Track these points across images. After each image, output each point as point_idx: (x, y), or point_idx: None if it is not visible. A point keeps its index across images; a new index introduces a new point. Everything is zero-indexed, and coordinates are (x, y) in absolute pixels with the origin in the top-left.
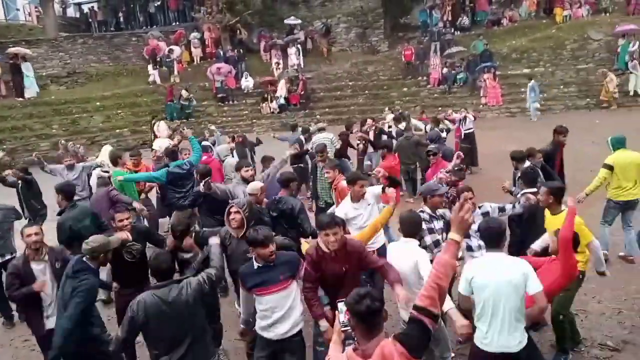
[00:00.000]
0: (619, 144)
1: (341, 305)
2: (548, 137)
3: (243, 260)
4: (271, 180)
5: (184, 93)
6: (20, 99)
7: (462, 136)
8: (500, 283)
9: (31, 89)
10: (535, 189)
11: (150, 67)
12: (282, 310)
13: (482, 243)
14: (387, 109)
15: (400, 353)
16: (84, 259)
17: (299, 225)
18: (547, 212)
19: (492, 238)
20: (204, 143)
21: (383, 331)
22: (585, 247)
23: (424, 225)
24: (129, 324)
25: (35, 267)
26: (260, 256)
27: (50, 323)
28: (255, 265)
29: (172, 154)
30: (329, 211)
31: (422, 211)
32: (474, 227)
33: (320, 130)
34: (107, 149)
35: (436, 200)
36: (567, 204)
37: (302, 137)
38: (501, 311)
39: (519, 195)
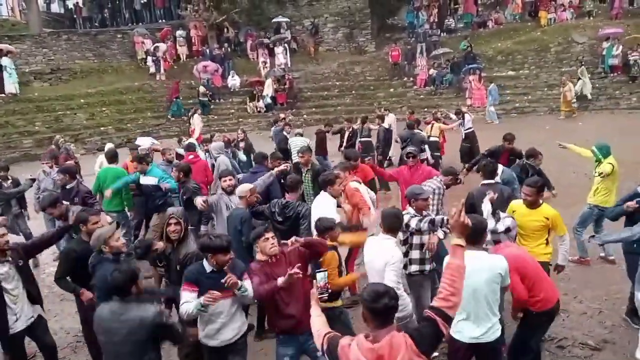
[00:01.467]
0: (607, 151)
1: (320, 275)
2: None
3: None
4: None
5: (202, 89)
6: (1, 94)
7: (463, 136)
8: (480, 281)
9: (11, 85)
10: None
11: (149, 59)
12: (227, 316)
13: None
14: (383, 109)
15: (408, 345)
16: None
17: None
18: (520, 205)
19: (472, 235)
20: (190, 141)
21: (394, 322)
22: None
23: (412, 225)
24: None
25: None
26: (218, 262)
27: (20, 324)
28: (208, 268)
29: (140, 159)
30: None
31: (407, 213)
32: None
33: (297, 134)
34: (108, 147)
35: (420, 203)
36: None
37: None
38: (472, 303)
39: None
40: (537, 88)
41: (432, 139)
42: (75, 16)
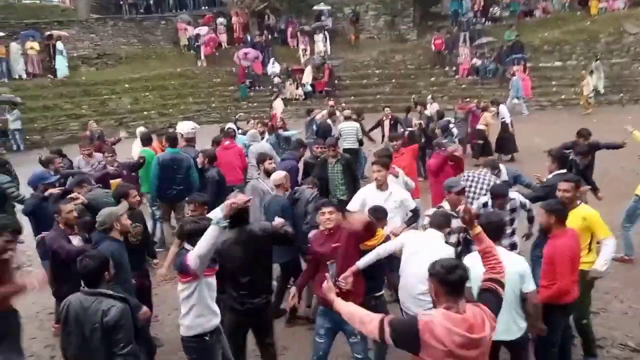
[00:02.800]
0: None
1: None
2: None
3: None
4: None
5: (276, 80)
6: (51, 77)
7: (499, 127)
8: None
9: (62, 69)
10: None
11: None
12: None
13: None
14: (429, 97)
15: (487, 313)
16: (102, 233)
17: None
18: None
19: (492, 232)
20: (229, 126)
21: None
22: (595, 245)
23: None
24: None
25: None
26: None
27: None
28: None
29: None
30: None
31: (440, 206)
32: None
33: (347, 118)
34: (139, 131)
35: (453, 198)
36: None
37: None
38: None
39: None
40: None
41: (480, 126)
42: (121, 2)
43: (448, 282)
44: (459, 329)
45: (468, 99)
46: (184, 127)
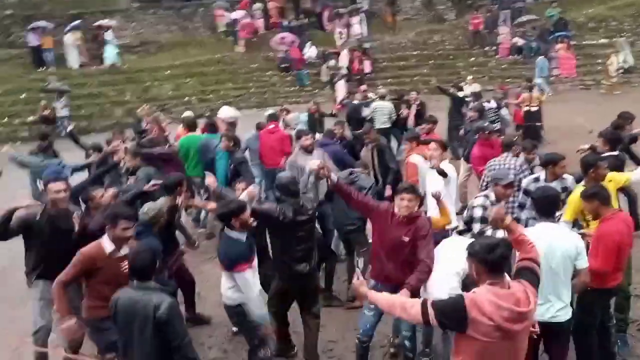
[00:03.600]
0: None
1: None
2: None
3: None
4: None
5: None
6: (99, 66)
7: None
8: (554, 252)
9: (112, 57)
10: None
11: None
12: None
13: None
14: (470, 77)
15: (530, 290)
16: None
17: None
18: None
19: (547, 207)
20: (269, 111)
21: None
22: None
23: (479, 212)
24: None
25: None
26: (242, 225)
27: None
28: (242, 236)
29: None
30: None
31: (486, 196)
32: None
33: (382, 97)
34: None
35: (500, 190)
36: None
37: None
38: (546, 281)
39: None
40: (634, 57)
41: (533, 109)
42: None
43: (489, 261)
44: (507, 303)
45: (509, 79)
46: (225, 113)
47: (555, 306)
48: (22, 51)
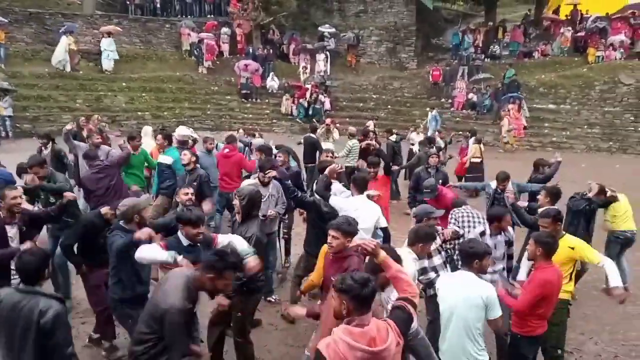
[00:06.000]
0: None
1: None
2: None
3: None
4: None
5: (321, 98)
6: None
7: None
8: (458, 299)
9: (105, 63)
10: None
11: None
12: None
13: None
14: (412, 127)
15: (393, 327)
16: (121, 222)
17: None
18: None
19: (469, 258)
20: (230, 133)
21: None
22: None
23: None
24: None
25: (9, 229)
26: (188, 235)
27: None
28: (186, 242)
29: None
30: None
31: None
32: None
33: (352, 135)
34: (147, 131)
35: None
36: None
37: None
38: (452, 325)
39: None
40: (576, 124)
41: (473, 160)
42: (128, 2)
43: (360, 296)
44: (359, 344)
45: (461, 132)
46: (182, 131)
47: (459, 355)
48: None
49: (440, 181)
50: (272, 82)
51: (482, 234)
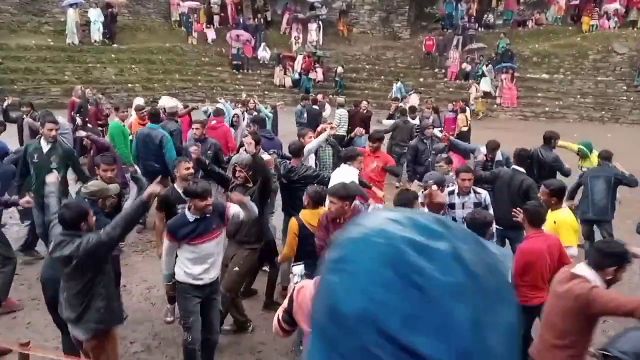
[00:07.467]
0: (591, 148)
1: (296, 269)
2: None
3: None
4: None
5: (340, 70)
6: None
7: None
8: None
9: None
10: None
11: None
12: (214, 256)
13: None
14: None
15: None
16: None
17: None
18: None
19: (475, 229)
20: (218, 106)
21: None
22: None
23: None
24: None
25: None
26: (197, 208)
27: None
28: (191, 217)
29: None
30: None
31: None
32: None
33: (341, 105)
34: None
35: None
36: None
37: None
38: None
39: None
40: (569, 94)
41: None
42: None
43: None
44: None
45: (454, 102)
46: (167, 102)
47: None
48: None
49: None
50: (264, 53)
51: (451, 192)
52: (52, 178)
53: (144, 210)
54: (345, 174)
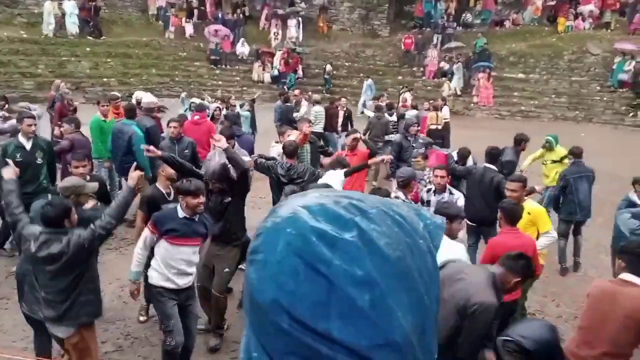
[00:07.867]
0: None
1: None
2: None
3: None
4: None
5: (329, 68)
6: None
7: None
8: None
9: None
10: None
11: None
12: (188, 263)
13: None
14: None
15: None
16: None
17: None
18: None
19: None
20: (201, 102)
21: None
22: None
23: None
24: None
25: None
26: (189, 206)
27: None
28: (182, 214)
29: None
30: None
31: (396, 197)
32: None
33: (317, 102)
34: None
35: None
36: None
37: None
38: None
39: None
40: (545, 94)
41: (438, 127)
42: None
43: None
44: None
45: (432, 101)
46: (144, 97)
47: None
48: None
49: (424, 148)
50: (243, 49)
51: (428, 190)
52: (9, 173)
53: (133, 196)
54: (332, 179)
